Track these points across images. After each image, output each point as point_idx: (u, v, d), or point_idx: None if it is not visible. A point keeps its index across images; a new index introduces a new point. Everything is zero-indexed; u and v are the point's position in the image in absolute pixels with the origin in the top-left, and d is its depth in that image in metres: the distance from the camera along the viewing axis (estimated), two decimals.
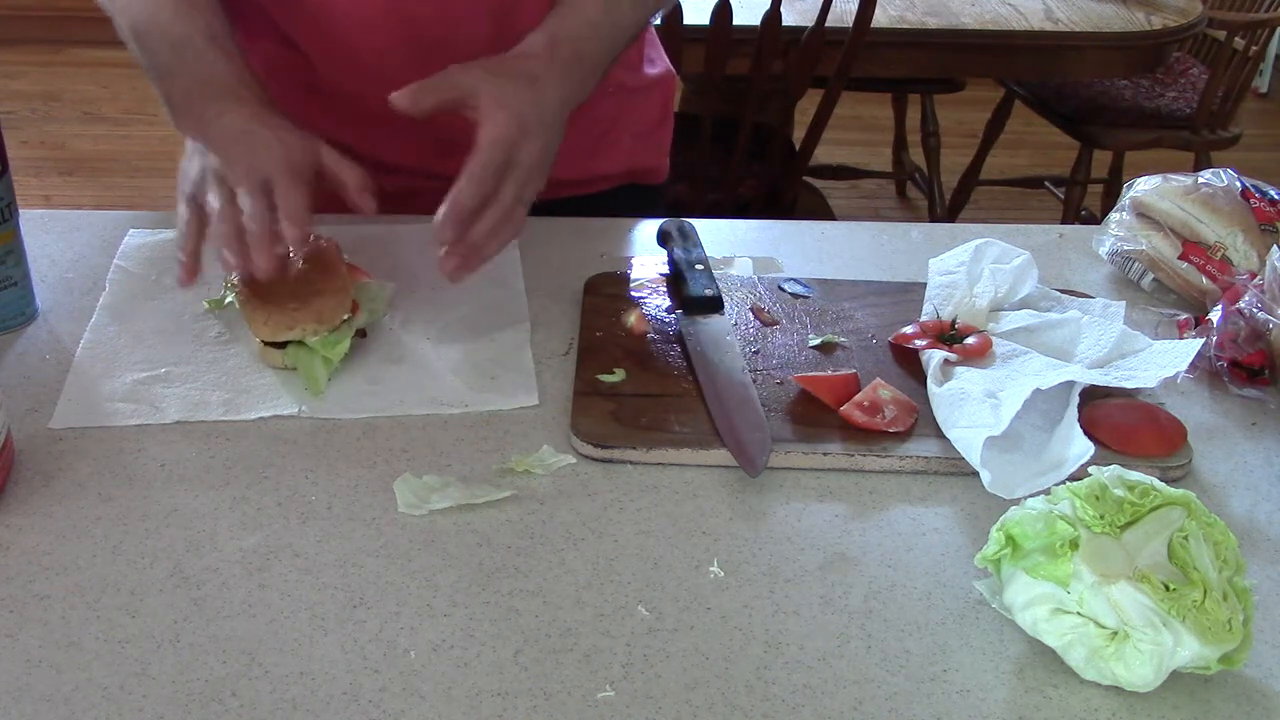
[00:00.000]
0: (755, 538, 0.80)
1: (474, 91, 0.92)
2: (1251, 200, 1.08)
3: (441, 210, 0.89)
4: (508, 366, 0.95)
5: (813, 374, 0.93)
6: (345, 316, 0.93)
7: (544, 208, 1.00)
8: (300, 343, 0.92)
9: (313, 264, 0.94)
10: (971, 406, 0.87)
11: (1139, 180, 1.14)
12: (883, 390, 0.90)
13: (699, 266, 1.05)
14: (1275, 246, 0.99)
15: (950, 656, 0.72)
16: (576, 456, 0.86)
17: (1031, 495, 0.76)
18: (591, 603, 0.74)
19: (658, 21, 2.19)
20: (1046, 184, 3.51)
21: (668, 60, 1.32)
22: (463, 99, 0.92)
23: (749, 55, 2.25)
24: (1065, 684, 0.70)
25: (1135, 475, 0.73)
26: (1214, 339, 0.97)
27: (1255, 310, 0.97)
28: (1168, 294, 1.09)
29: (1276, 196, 1.09)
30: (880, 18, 2.35)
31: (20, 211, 0.98)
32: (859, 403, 0.89)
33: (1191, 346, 0.93)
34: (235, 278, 0.95)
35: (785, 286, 1.06)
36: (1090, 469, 0.74)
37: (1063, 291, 1.04)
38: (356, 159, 1.13)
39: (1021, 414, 0.85)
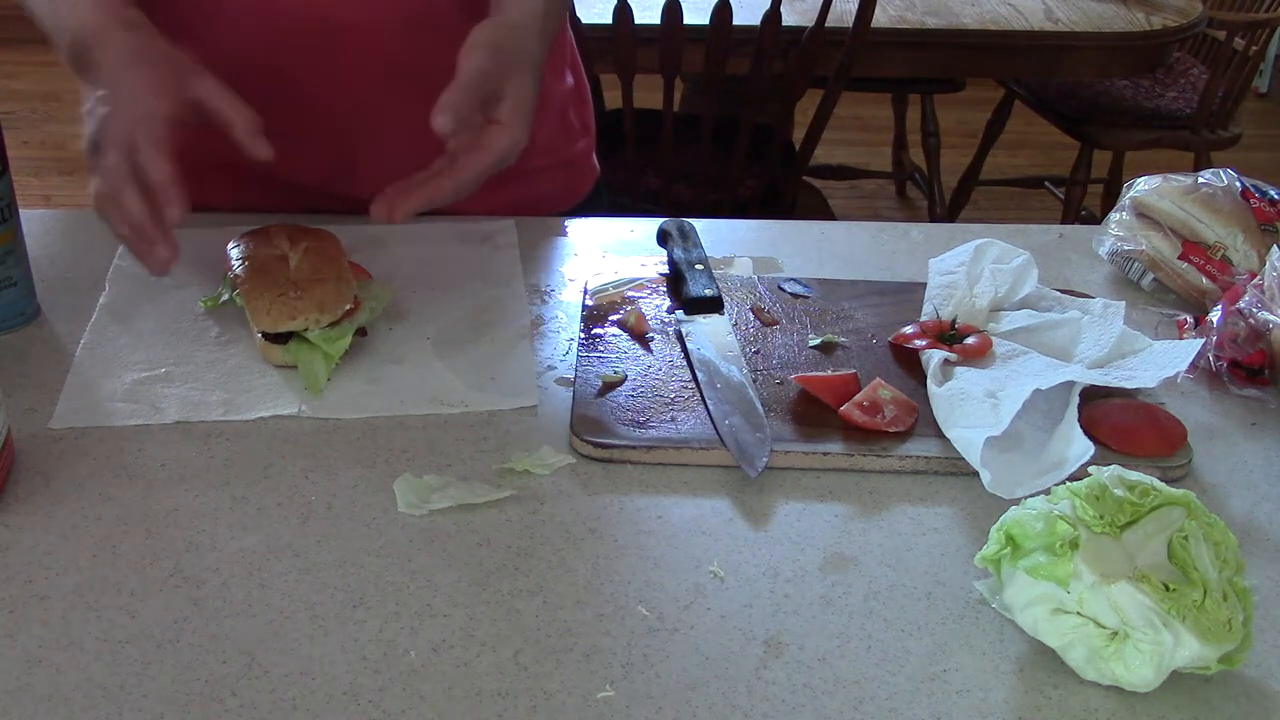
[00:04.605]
0: (755, 538, 0.80)
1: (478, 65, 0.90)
2: (1251, 200, 1.08)
3: (437, 107, 0.86)
4: (508, 366, 0.95)
5: (813, 374, 0.93)
6: (346, 307, 0.94)
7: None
8: (302, 338, 0.92)
9: (314, 254, 0.95)
10: (971, 406, 0.87)
11: (1139, 180, 1.14)
12: (883, 390, 0.90)
13: (699, 266, 1.05)
14: (1275, 246, 0.99)
15: (950, 656, 0.72)
16: (576, 456, 0.86)
17: (1031, 495, 0.76)
18: (591, 603, 0.74)
19: (657, 21, 2.20)
20: (1046, 184, 3.51)
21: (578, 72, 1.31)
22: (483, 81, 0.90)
23: (749, 55, 2.25)
24: (1065, 684, 0.70)
25: (1135, 475, 0.73)
26: (1214, 339, 0.97)
27: (1255, 310, 0.97)
28: (1168, 294, 1.09)
29: (1276, 196, 1.09)
30: (880, 18, 2.35)
31: (20, 211, 0.98)
32: (859, 403, 0.89)
33: (1191, 346, 0.93)
34: (236, 268, 0.95)
35: (785, 286, 1.06)
36: (1090, 469, 0.74)
37: (1063, 291, 1.04)
38: (256, 179, 1.13)
39: (1021, 414, 0.85)
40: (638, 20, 2.22)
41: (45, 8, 0.94)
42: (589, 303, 1.03)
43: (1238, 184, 1.10)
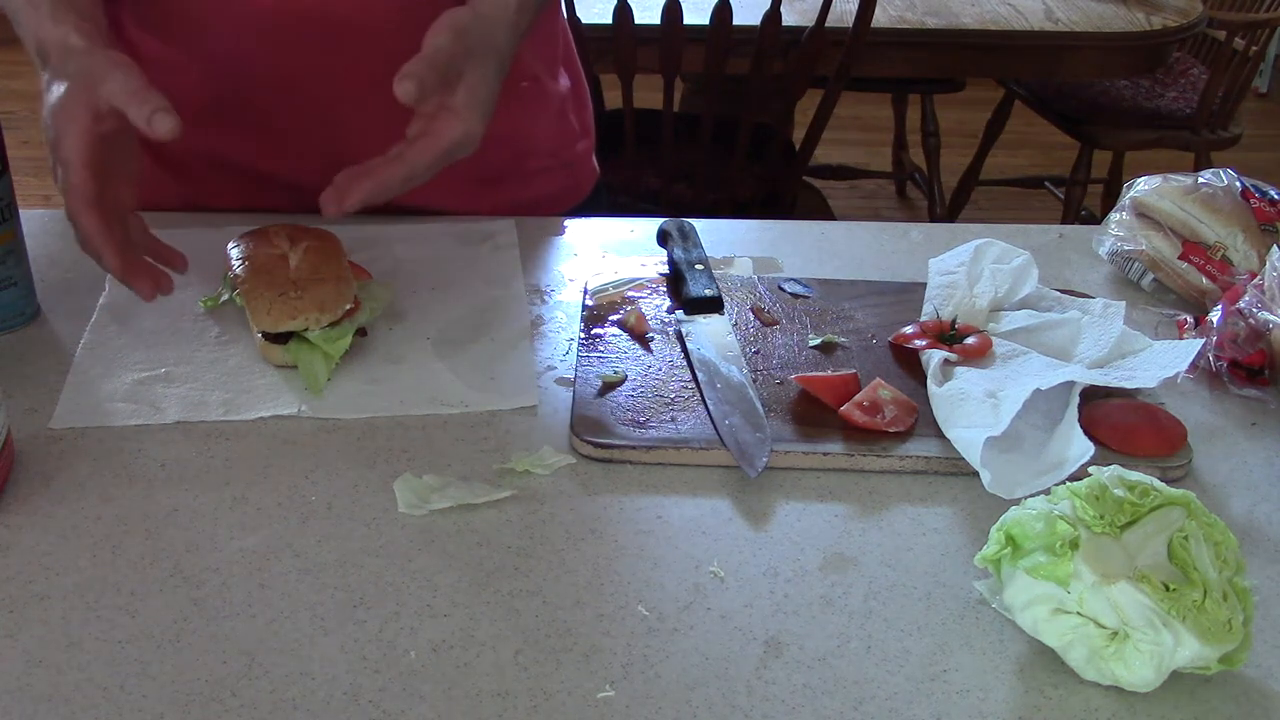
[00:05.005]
0: (755, 538, 0.80)
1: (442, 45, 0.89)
2: (1251, 200, 1.08)
3: (399, 75, 0.85)
4: (508, 366, 0.95)
5: (813, 374, 0.93)
6: (346, 307, 0.94)
7: None
8: (302, 338, 0.92)
9: (314, 254, 0.95)
10: (971, 406, 0.87)
11: (1139, 180, 1.14)
12: (883, 390, 0.90)
13: (699, 266, 1.05)
14: (1275, 246, 0.99)
15: (950, 656, 0.72)
16: (576, 456, 0.86)
17: (1031, 495, 0.76)
18: (591, 603, 0.74)
19: (657, 21, 2.20)
20: (1046, 184, 3.51)
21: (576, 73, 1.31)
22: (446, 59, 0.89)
23: (749, 55, 2.25)
24: (1065, 684, 0.70)
25: (1135, 475, 0.73)
26: (1214, 339, 0.97)
27: (1255, 310, 0.97)
28: (1168, 294, 1.09)
29: (1276, 196, 1.09)
30: (880, 18, 2.35)
31: (20, 211, 0.98)
32: (859, 403, 0.89)
33: (1191, 346, 0.93)
34: (236, 268, 0.95)
35: (785, 286, 1.06)
36: (1090, 469, 0.74)
37: (1063, 291, 1.04)
38: (256, 179, 1.12)
39: (1021, 414, 0.85)
40: (638, 20, 2.22)
41: (22, 14, 0.93)
42: (589, 303, 1.03)
43: (1238, 184, 1.10)
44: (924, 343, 0.96)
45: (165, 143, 0.85)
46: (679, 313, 1.01)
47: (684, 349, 0.97)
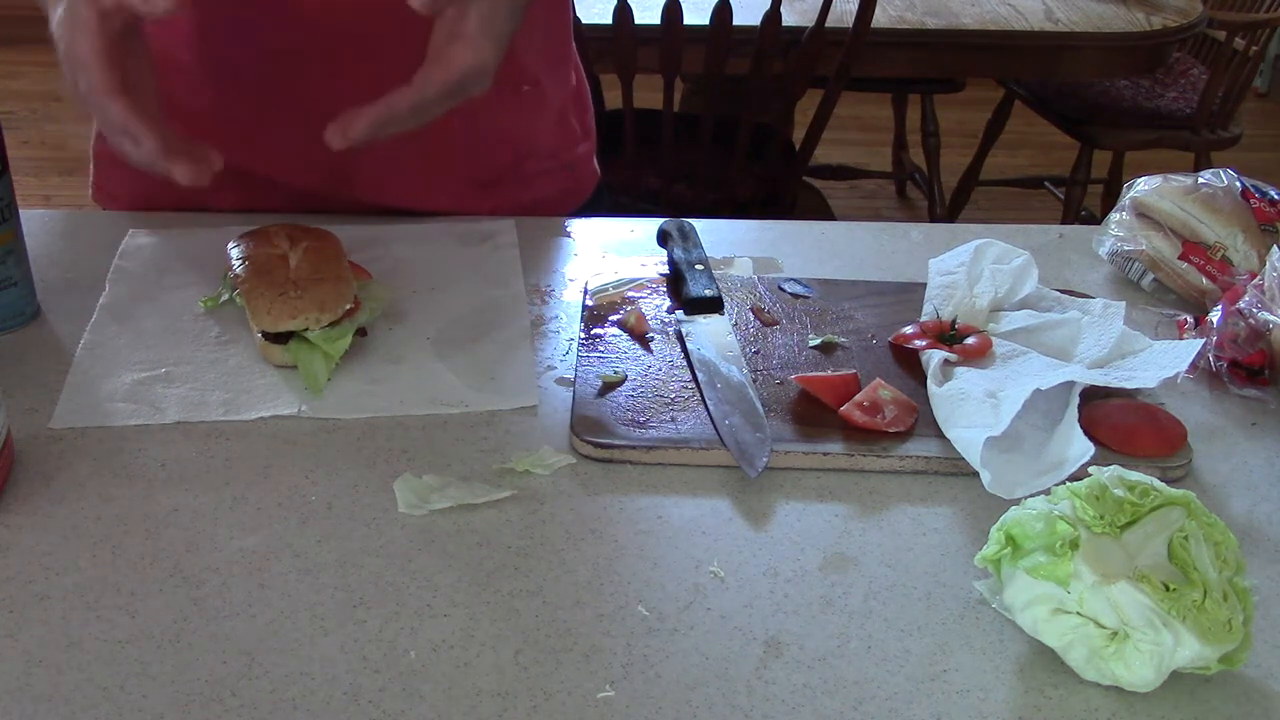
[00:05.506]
0: (755, 538, 0.80)
1: None
2: (1251, 200, 1.08)
3: None
4: (508, 366, 0.95)
5: (813, 374, 0.93)
6: (346, 307, 0.94)
7: None
8: (302, 338, 0.92)
9: (314, 254, 0.95)
10: (971, 406, 0.87)
11: (1139, 180, 1.14)
12: (883, 390, 0.90)
13: (699, 266, 1.05)
14: (1275, 246, 0.99)
15: (950, 656, 0.72)
16: (576, 456, 0.86)
17: (1031, 495, 0.76)
18: (591, 603, 0.74)
19: (657, 21, 2.20)
20: (1046, 184, 3.51)
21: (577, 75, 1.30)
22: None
23: (749, 55, 2.25)
24: (1065, 684, 0.70)
25: (1135, 475, 0.73)
26: (1214, 339, 0.97)
27: (1255, 310, 0.97)
28: (1168, 294, 1.09)
29: (1276, 196, 1.09)
30: (880, 18, 2.35)
31: (20, 211, 0.98)
32: (859, 403, 0.89)
33: (1191, 346, 0.93)
34: (237, 268, 0.95)
35: (785, 286, 1.06)
36: (1090, 469, 0.74)
37: (1063, 291, 1.04)
38: (256, 181, 1.11)
39: (1021, 414, 0.85)
40: (638, 20, 2.22)
41: None
42: (589, 303, 1.03)
43: (1238, 184, 1.10)
44: (924, 343, 0.96)
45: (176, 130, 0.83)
46: (679, 313, 1.01)
47: (684, 349, 0.97)
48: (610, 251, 1.13)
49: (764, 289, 1.06)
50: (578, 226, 1.18)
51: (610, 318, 1.01)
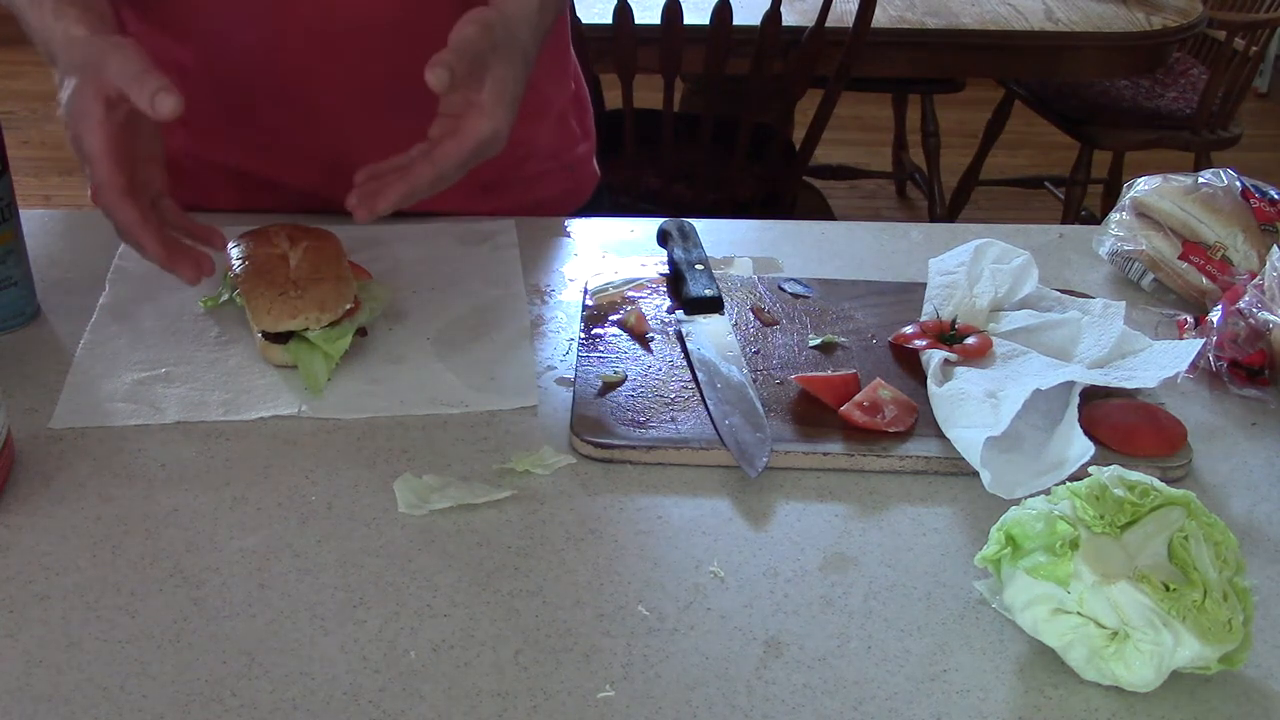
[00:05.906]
0: (755, 538, 0.80)
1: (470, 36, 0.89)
2: (1251, 200, 1.08)
3: (430, 63, 0.84)
4: (508, 366, 0.95)
5: (813, 374, 0.93)
6: (346, 307, 0.94)
7: None
8: (302, 338, 0.92)
9: (314, 254, 0.95)
10: (971, 406, 0.87)
11: (1139, 180, 1.14)
12: (883, 390, 0.90)
13: (699, 266, 1.05)
14: (1275, 246, 0.99)
15: (950, 656, 0.72)
16: (576, 456, 0.86)
17: (1031, 495, 0.76)
18: (591, 603, 0.74)
19: (657, 21, 2.20)
20: (1046, 184, 3.51)
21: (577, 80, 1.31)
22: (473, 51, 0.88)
23: (749, 55, 2.25)
24: (1065, 684, 0.70)
25: (1135, 475, 0.73)
26: (1214, 339, 0.97)
27: (1255, 310, 0.97)
28: (1168, 294, 1.09)
29: (1276, 196, 1.09)
30: (880, 18, 2.35)
31: (20, 211, 0.98)
32: (859, 403, 0.89)
33: (1191, 346, 0.93)
34: (237, 268, 0.95)
35: (785, 286, 1.06)
36: (1090, 469, 0.74)
37: (1063, 291, 1.04)
38: (256, 181, 1.11)
39: (1021, 414, 0.85)
40: (638, 20, 2.22)
41: (27, 14, 0.93)
42: (589, 303, 1.03)
43: (1238, 184, 1.10)
44: (924, 343, 0.96)
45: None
46: (679, 313, 1.01)
47: (684, 349, 0.97)
48: (610, 251, 1.13)
49: (764, 289, 1.06)
50: (578, 226, 1.18)
51: (610, 318, 1.01)
